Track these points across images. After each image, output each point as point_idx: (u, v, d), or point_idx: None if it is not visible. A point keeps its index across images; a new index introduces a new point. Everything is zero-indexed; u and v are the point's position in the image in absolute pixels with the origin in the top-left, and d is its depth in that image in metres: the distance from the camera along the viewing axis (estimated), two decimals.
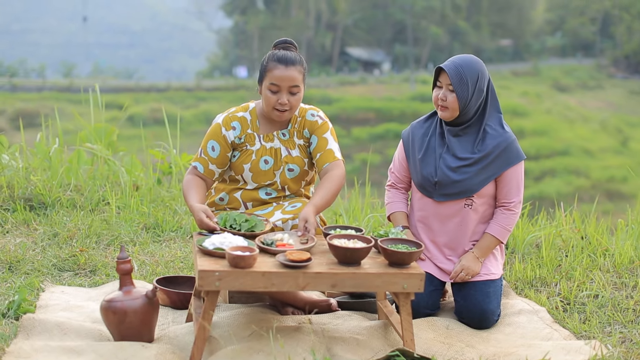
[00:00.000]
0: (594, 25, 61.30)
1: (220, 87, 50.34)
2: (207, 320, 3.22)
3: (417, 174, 3.97)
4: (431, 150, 3.95)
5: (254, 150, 3.93)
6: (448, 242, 3.95)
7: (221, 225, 3.58)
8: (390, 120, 40.23)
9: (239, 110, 4.02)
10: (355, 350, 3.36)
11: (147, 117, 33.61)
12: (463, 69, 3.83)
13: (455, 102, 3.83)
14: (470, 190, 3.87)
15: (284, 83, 3.81)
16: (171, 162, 6.82)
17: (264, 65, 3.89)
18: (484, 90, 3.88)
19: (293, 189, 4.00)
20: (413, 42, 60.80)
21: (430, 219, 3.97)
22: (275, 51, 3.90)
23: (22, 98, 41.82)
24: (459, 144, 3.91)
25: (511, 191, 3.89)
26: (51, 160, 6.36)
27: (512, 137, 3.90)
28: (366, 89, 49.34)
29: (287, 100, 3.83)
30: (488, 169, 3.86)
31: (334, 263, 3.33)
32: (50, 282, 4.34)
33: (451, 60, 3.91)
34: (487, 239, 3.90)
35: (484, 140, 3.88)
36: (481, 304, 3.81)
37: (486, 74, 3.91)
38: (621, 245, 4.97)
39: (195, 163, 3.94)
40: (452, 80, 3.81)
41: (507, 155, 3.86)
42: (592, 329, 3.82)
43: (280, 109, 3.84)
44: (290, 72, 3.82)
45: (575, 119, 44.12)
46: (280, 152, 3.95)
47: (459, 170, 3.87)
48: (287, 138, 3.98)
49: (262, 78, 3.88)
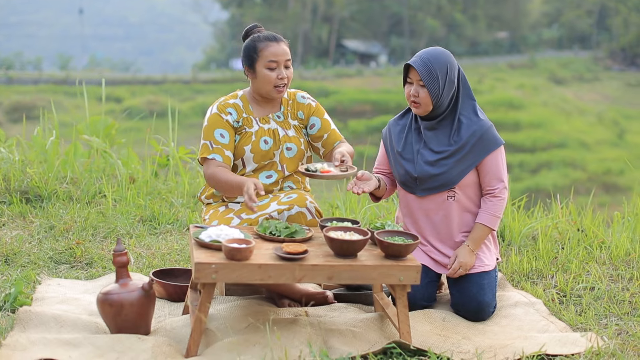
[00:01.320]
0: (591, 17, 61.26)
1: (217, 79, 50.20)
2: (204, 313, 3.22)
3: (398, 171, 3.98)
4: (409, 147, 3.95)
5: (252, 131, 3.99)
6: (437, 236, 3.94)
7: (261, 232, 3.54)
8: (387, 113, 40.13)
9: (228, 98, 4.08)
10: (351, 342, 3.37)
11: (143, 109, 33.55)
12: (432, 63, 3.81)
13: (428, 97, 3.81)
14: (451, 182, 3.85)
15: (280, 58, 3.94)
16: (169, 154, 6.82)
17: (252, 48, 3.96)
18: (455, 80, 3.86)
19: (291, 169, 4.04)
20: (409, 35, 60.75)
21: (415, 214, 3.97)
22: (257, 34, 4.00)
23: (19, 91, 41.68)
24: (435, 138, 3.90)
25: (493, 178, 3.87)
26: (47, 153, 6.36)
27: (487, 124, 3.87)
28: (363, 81, 49.27)
29: (285, 74, 3.95)
30: (466, 159, 3.84)
31: (331, 255, 3.34)
32: (46, 274, 4.34)
33: (418, 55, 3.89)
34: (478, 229, 3.89)
35: (459, 131, 3.87)
36: (476, 296, 3.81)
37: (455, 64, 3.88)
38: (617, 238, 4.98)
39: (211, 156, 3.92)
40: (422, 75, 3.79)
41: (484, 143, 3.84)
42: (588, 321, 3.82)
43: (280, 84, 3.95)
44: (282, 46, 3.98)
45: (571, 111, 44.08)
46: (278, 132, 4.02)
47: (437, 164, 3.85)
48: (282, 120, 4.07)
49: (254, 61, 3.95)
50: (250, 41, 3.99)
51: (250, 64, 3.97)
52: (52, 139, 6.51)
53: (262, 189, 3.58)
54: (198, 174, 6.68)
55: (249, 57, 3.97)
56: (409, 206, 3.99)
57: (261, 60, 3.93)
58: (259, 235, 3.53)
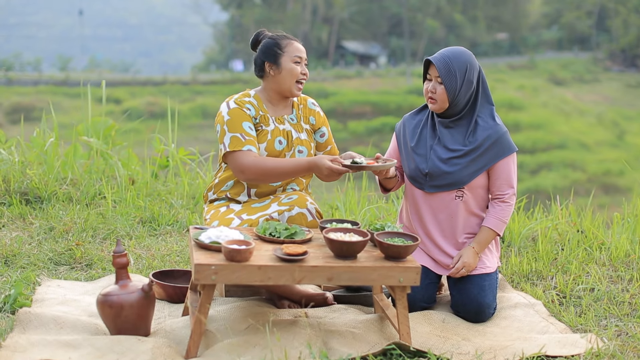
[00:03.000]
0: (590, 18, 61.28)
1: (217, 80, 50.22)
2: (204, 314, 3.22)
3: (409, 165, 3.98)
4: (423, 142, 3.96)
5: (269, 130, 3.99)
6: (441, 233, 3.94)
7: (260, 234, 3.54)
8: (387, 114, 40.21)
9: (241, 96, 4.07)
10: (351, 343, 3.37)
11: (143, 110, 33.57)
12: (451, 61, 3.84)
13: (444, 93, 3.84)
14: (461, 182, 3.86)
15: (303, 55, 4.03)
16: (169, 155, 6.81)
17: (275, 44, 4.01)
18: (474, 81, 3.88)
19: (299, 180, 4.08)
20: (409, 36, 60.75)
21: (421, 210, 3.97)
22: (272, 34, 4.07)
23: (18, 92, 41.70)
24: (450, 136, 3.91)
25: (504, 184, 3.89)
26: (47, 154, 6.36)
27: (503, 129, 3.89)
28: (362, 83, 49.30)
29: (306, 71, 4.06)
30: (479, 161, 3.85)
31: (330, 256, 3.34)
32: (46, 276, 4.33)
33: (440, 52, 3.91)
34: (485, 232, 3.90)
35: (475, 132, 3.88)
36: (477, 297, 3.81)
37: (476, 65, 3.91)
38: (617, 239, 4.98)
39: (246, 147, 3.86)
40: (440, 72, 3.82)
41: (498, 148, 3.85)
42: (588, 322, 3.82)
43: (302, 80, 4.02)
44: (302, 46, 4.07)
45: (571, 112, 44.10)
46: (291, 134, 4.03)
47: (450, 162, 3.86)
48: (295, 122, 4.09)
49: (279, 56, 3.98)
50: (269, 40, 4.02)
51: (274, 59, 3.98)
52: (52, 140, 6.51)
53: (340, 160, 3.70)
54: (198, 175, 6.68)
55: (272, 53, 3.99)
56: (415, 202, 3.99)
57: (287, 55, 3.97)
58: (258, 237, 3.53)
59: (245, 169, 3.83)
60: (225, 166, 4.06)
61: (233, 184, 4.02)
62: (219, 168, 4.12)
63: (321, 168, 3.69)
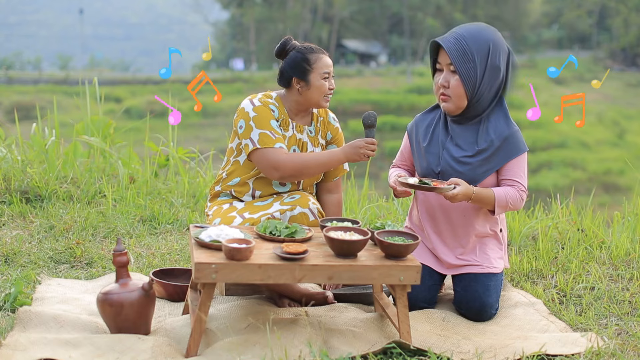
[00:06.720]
0: (591, 17, 61.32)
1: (217, 79, 50.15)
2: (204, 313, 3.22)
3: (421, 164, 3.85)
4: (435, 141, 3.80)
5: (287, 136, 3.95)
6: (452, 233, 3.84)
7: (261, 232, 3.52)
8: (387, 113, 40.18)
9: (265, 96, 4.01)
10: (351, 342, 3.36)
11: (143, 109, 33.55)
12: (466, 41, 3.15)
13: (460, 86, 3.31)
14: (473, 181, 3.70)
15: (330, 69, 3.96)
16: (168, 154, 6.81)
17: (304, 59, 3.91)
18: (502, 68, 3.19)
19: (306, 184, 4.06)
20: (409, 34, 60.78)
21: (433, 209, 3.86)
22: (300, 46, 3.96)
23: (18, 90, 41.72)
24: (462, 134, 3.73)
25: (515, 176, 3.71)
26: (48, 153, 6.36)
27: (515, 127, 3.73)
28: (363, 81, 49.30)
29: (334, 84, 4.00)
30: (491, 160, 3.70)
31: (331, 255, 3.33)
32: (46, 274, 4.33)
33: (452, 31, 3.25)
34: (488, 191, 3.65)
35: (488, 130, 3.69)
36: (481, 296, 3.76)
37: (502, 44, 3.17)
38: (617, 238, 4.98)
39: (277, 145, 3.82)
40: (452, 56, 3.15)
41: (510, 147, 3.69)
42: (589, 321, 3.82)
43: (329, 94, 3.96)
44: (329, 59, 3.99)
45: (571, 111, 44.08)
46: (306, 146, 4.00)
47: (462, 161, 3.71)
48: (313, 135, 4.05)
49: (307, 72, 3.90)
50: (297, 53, 3.93)
51: (302, 75, 3.91)
52: (53, 139, 6.51)
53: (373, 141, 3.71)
54: (198, 173, 6.68)
55: (301, 69, 3.91)
56: (427, 201, 3.87)
57: (316, 71, 3.89)
58: (259, 235, 3.52)
59: (280, 166, 3.79)
60: (233, 160, 4.03)
61: (239, 181, 4.00)
62: (227, 162, 4.09)
63: (354, 147, 3.73)
